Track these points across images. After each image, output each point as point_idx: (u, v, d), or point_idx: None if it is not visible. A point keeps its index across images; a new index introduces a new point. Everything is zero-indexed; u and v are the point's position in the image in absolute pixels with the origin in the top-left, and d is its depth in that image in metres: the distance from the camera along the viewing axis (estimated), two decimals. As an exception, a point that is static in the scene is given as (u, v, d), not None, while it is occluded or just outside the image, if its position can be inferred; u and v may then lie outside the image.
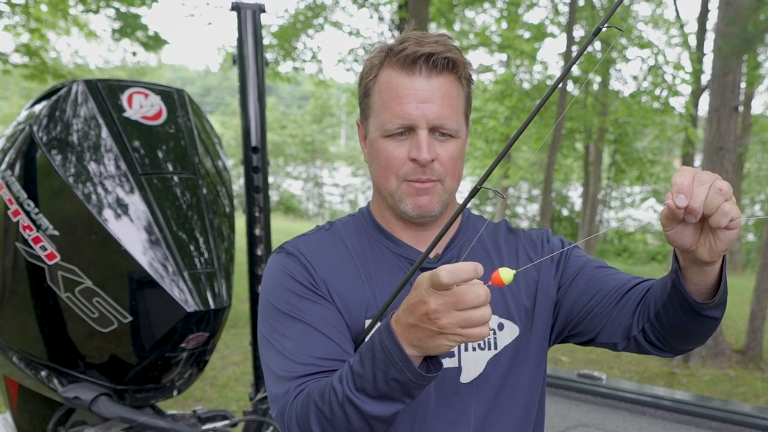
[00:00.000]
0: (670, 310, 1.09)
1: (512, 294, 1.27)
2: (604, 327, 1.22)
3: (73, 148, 2.02)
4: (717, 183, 0.87)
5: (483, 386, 1.22)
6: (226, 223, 2.31)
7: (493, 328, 1.25)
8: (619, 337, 1.21)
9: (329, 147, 28.62)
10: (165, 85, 2.25)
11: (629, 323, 1.19)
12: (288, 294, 1.20)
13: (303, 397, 1.08)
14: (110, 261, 1.97)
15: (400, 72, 1.17)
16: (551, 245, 1.34)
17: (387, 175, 1.21)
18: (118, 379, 2.11)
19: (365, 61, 1.25)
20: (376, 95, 1.22)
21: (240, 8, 2.64)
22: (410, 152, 1.17)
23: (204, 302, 2.02)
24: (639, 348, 1.20)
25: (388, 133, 1.19)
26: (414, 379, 0.97)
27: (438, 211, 1.23)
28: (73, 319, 2.02)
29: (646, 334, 1.17)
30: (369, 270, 1.25)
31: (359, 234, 1.31)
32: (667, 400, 2.50)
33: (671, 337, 1.14)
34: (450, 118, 1.18)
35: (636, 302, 1.18)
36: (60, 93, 2.09)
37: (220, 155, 2.46)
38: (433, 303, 0.92)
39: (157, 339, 2.04)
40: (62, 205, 2.00)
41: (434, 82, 1.17)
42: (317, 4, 12.51)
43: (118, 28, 6.76)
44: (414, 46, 1.16)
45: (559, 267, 1.31)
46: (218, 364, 6.22)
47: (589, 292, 1.25)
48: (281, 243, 1.31)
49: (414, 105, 1.16)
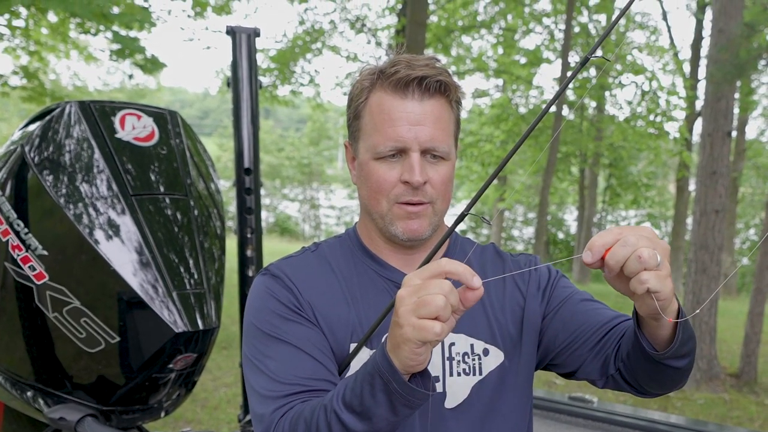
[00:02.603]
0: (632, 356, 1.09)
1: (497, 321, 1.27)
2: (583, 364, 1.23)
3: (64, 168, 2.03)
4: (641, 250, 0.84)
5: (468, 412, 1.22)
6: (217, 244, 2.31)
7: (478, 353, 1.24)
8: (597, 374, 1.22)
9: (326, 169, 28.71)
10: (157, 107, 2.27)
11: (607, 363, 1.19)
12: (272, 316, 1.20)
13: (292, 415, 1.07)
14: (99, 281, 1.97)
15: (393, 95, 1.18)
16: (539, 272, 1.34)
17: (378, 198, 1.21)
18: (105, 400, 2.10)
19: (355, 83, 1.25)
20: (367, 117, 1.22)
21: (235, 32, 2.68)
22: (402, 175, 1.18)
23: (192, 323, 2.01)
24: (617, 386, 1.20)
25: (379, 156, 1.19)
26: (400, 390, 0.95)
27: (428, 235, 1.23)
28: (61, 340, 2.01)
29: (621, 374, 1.17)
30: (355, 293, 1.24)
31: (345, 256, 1.30)
32: (661, 424, 2.48)
33: (642, 381, 1.14)
34: (442, 140, 1.18)
35: (615, 342, 1.18)
36: (53, 114, 2.10)
37: (212, 177, 2.47)
38: (402, 291, 0.92)
39: (145, 359, 2.03)
40: (52, 226, 2.00)
41: (426, 105, 1.17)
42: (315, 29, 12.66)
43: (116, 50, 6.81)
44: (406, 69, 1.17)
45: (545, 295, 1.31)
46: (210, 386, 6.17)
47: (570, 327, 1.25)
48: (267, 264, 1.32)
49: (407, 128, 1.16)
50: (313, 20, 12.69)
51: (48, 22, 8.74)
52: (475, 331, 1.25)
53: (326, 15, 12.81)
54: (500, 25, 13.73)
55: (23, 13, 7.95)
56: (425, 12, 8.95)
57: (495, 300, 1.29)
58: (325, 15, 12.81)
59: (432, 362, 1.21)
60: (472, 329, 1.25)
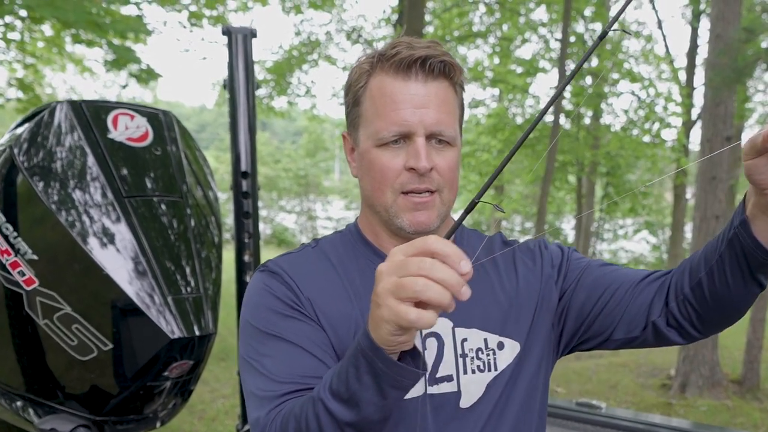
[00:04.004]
0: (716, 277, 1.03)
1: (512, 309, 1.21)
2: (620, 320, 1.16)
3: (55, 170, 1.97)
4: None
5: (484, 409, 1.15)
6: (214, 253, 2.25)
7: (493, 348, 1.18)
8: (637, 326, 1.14)
9: (323, 181, 28.67)
10: (151, 107, 2.22)
11: (647, 309, 1.13)
12: (269, 313, 1.13)
13: (284, 412, 1.01)
14: (91, 286, 1.91)
15: (395, 77, 1.11)
16: (549, 251, 1.28)
17: (382, 188, 1.14)
18: (98, 410, 2.03)
19: (353, 68, 1.19)
20: (367, 103, 1.15)
21: (231, 32, 2.62)
22: (407, 161, 1.11)
23: (188, 329, 1.95)
24: (657, 337, 1.14)
25: (382, 142, 1.12)
26: (386, 369, 0.88)
27: (435, 226, 1.16)
28: (52, 348, 1.94)
29: (671, 315, 1.11)
30: (357, 289, 1.18)
31: (347, 251, 1.24)
32: (667, 428, 2.42)
33: (706, 312, 1.08)
34: (448, 124, 1.12)
35: (654, 288, 1.13)
36: (43, 114, 2.05)
37: (211, 186, 2.41)
38: (383, 266, 0.85)
39: (139, 367, 1.96)
40: (42, 229, 1.94)
41: (431, 86, 1.11)
42: (311, 41, 12.66)
43: (111, 61, 6.77)
44: (407, 49, 1.10)
45: (561, 271, 1.25)
46: (207, 397, 6.09)
47: (598, 289, 1.19)
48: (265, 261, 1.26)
49: (410, 111, 1.09)
50: (309, 31, 12.70)
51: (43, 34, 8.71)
52: (488, 324, 1.19)
53: (322, 26, 12.83)
54: (496, 34, 13.76)
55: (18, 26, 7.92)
56: (421, 22, 8.94)
57: (509, 287, 1.23)
58: (321, 26, 12.83)
59: (444, 361, 1.15)
60: (484, 322, 1.19)
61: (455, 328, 1.17)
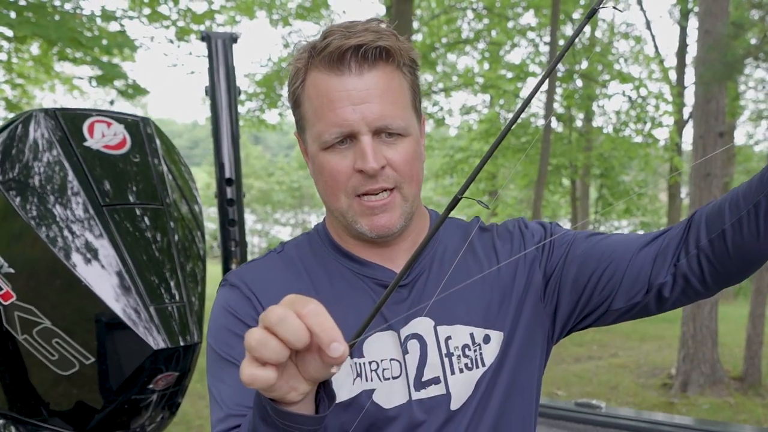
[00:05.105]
0: (745, 226, 0.94)
1: (494, 297, 1.13)
2: (619, 288, 1.07)
3: (29, 179, 1.92)
4: None
5: (477, 409, 1.09)
6: (200, 266, 2.20)
7: (479, 342, 1.11)
8: (638, 291, 1.06)
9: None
10: (129, 114, 2.17)
11: (649, 271, 1.05)
12: (228, 335, 1.07)
13: None
14: (69, 298, 1.85)
15: (328, 72, 1.02)
16: (530, 230, 1.20)
17: (335, 193, 1.07)
18: (83, 426, 1.97)
19: (289, 64, 1.11)
20: (306, 104, 1.07)
21: (210, 38, 2.59)
22: (355, 162, 1.03)
23: (172, 339, 1.89)
24: (659, 301, 1.06)
25: (326, 145, 1.04)
26: (277, 418, 0.79)
27: (400, 226, 1.09)
28: (34, 364, 1.88)
29: (679, 273, 1.02)
30: (328, 296, 1.09)
31: (315, 255, 1.17)
32: (669, 426, 2.37)
33: (722, 265, 0.99)
34: (394, 115, 1.03)
35: (653, 250, 1.05)
36: (17, 122, 1.99)
37: (196, 199, 2.36)
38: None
39: (123, 380, 1.90)
40: (19, 243, 1.89)
41: (368, 78, 1.02)
42: (300, 51, 12.65)
43: (98, 77, 6.74)
44: (339, 39, 1.02)
45: (545, 250, 1.17)
46: (191, 411, 6.01)
47: (589, 260, 1.11)
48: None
49: (350, 108, 1.01)
50: (297, 42, 12.69)
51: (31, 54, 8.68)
52: (471, 318, 1.12)
53: (310, 37, 12.80)
54: (485, 40, 13.77)
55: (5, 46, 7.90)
56: (409, 30, 8.95)
57: (490, 275, 1.15)
58: (309, 38, 12.80)
59: (429, 363, 1.09)
60: (468, 316, 1.12)
61: (437, 327, 1.10)
